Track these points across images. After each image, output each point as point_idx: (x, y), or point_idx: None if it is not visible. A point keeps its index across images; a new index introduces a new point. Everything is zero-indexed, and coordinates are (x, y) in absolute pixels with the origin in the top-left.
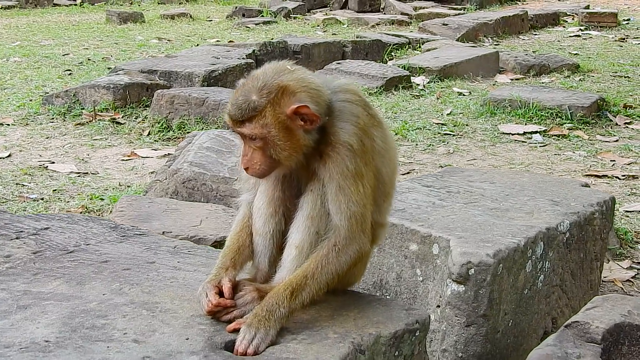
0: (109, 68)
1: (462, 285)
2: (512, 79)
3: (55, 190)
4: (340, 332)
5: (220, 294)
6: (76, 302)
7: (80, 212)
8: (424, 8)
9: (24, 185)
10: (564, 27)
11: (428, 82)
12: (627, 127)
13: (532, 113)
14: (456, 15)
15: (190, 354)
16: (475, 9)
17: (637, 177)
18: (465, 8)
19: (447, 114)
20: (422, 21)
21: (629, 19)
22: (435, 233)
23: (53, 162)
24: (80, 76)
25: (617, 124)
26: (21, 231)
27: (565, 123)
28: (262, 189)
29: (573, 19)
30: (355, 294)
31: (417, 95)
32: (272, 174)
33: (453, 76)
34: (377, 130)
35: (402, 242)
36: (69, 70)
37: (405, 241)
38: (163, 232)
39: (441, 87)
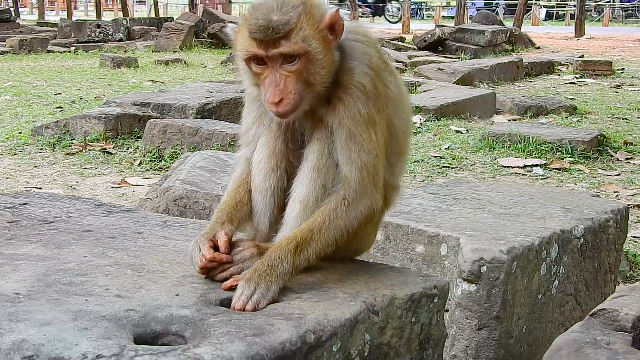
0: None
1: (474, 284)
2: (509, 120)
3: None
4: (351, 293)
5: (216, 249)
6: (53, 262)
7: None
8: (418, 57)
9: None
10: (559, 75)
11: (425, 121)
12: (628, 162)
13: (532, 147)
14: (451, 62)
15: (181, 307)
16: (470, 59)
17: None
18: (459, 57)
19: (446, 148)
20: (417, 67)
21: (623, 69)
22: (443, 232)
23: (40, 188)
24: (71, 113)
25: (618, 159)
26: None
27: (565, 157)
28: (263, 141)
29: (567, 67)
30: (365, 262)
31: (414, 132)
32: (274, 124)
33: (450, 115)
34: (391, 76)
35: (407, 244)
36: (61, 107)
37: (411, 243)
38: None
39: (438, 125)
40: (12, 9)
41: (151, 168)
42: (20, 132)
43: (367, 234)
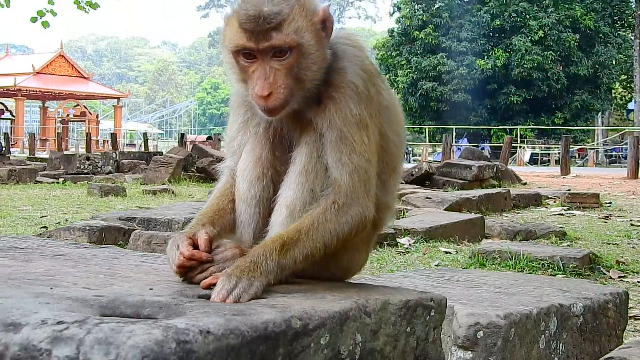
0: None
1: (470, 352)
2: (499, 244)
3: None
4: (341, 296)
5: (195, 248)
6: (20, 269)
7: None
8: (406, 189)
9: None
10: (547, 207)
11: (414, 242)
12: (622, 280)
13: (523, 264)
14: (439, 192)
15: (154, 296)
16: (457, 190)
17: (638, 318)
18: (446, 191)
19: (435, 265)
20: (404, 196)
21: (610, 202)
22: None
23: None
24: None
25: (611, 277)
26: None
27: (557, 274)
28: (248, 149)
29: (555, 200)
30: (356, 282)
31: (402, 252)
32: (260, 130)
33: (439, 238)
34: (383, 83)
35: None
36: (45, 227)
37: None
38: None
39: (427, 246)
40: (3, 143)
41: None
42: None
43: (357, 251)
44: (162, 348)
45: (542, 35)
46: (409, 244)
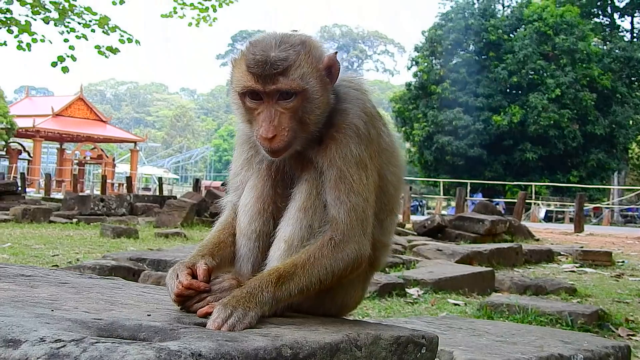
0: None
1: None
2: (508, 297)
3: None
4: (333, 329)
5: (194, 278)
6: (23, 293)
7: None
8: (417, 241)
9: None
10: (559, 264)
11: (423, 293)
12: (630, 338)
13: (531, 318)
14: (450, 244)
15: (151, 321)
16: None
17: None
18: (458, 244)
19: (443, 316)
20: (415, 247)
21: (623, 261)
22: None
23: None
24: None
25: (619, 335)
26: None
27: (565, 329)
28: (251, 185)
29: (567, 257)
30: (350, 319)
31: (411, 302)
32: (263, 167)
33: (448, 290)
34: (384, 127)
35: None
36: (57, 265)
37: None
38: None
39: (436, 297)
40: (19, 182)
41: None
42: None
43: (353, 288)
44: None
45: (559, 93)
46: (418, 295)
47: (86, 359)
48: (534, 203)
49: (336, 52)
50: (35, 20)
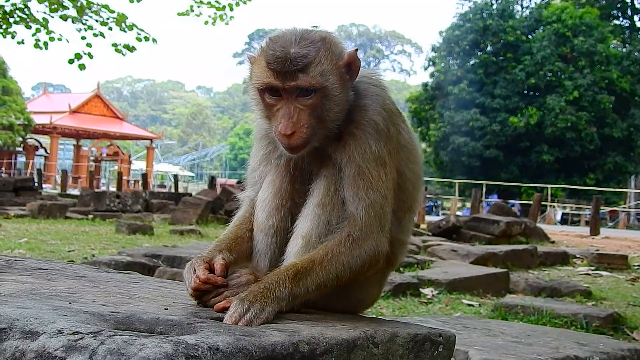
0: None
1: None
2: (522, 299)
3: None
4: (350, 325)
5: (212, 272)
6: (41, 285)
7: None
8: (432, 241)
9: None
10: (574, 266)
11: (437, 293)
12: None
13: (546, 320)
14: (465, 245)
15: (168, 315)
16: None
17: None
18: (473, 245)
19: (457, 316)
20: (430, 247)
21: (639, 265)
22: None
23: None
24: None
25: (634, 339)
26: None
27: (579, 331)
28: (269, 180)
29: (582, 260)
30: (367, 316)
31: (425, 302)
32: (282, 162)
33: (462, 290)
34: (403, 124)
35: None
36: (72, 261)
37: None
38: None
39: (450, 297)
40: (36, 178)
41: None
42: None
43: (370, 285)
44: None
45: (577, 95)
46: (432, 295)
47: (104, 352)
48: (550, 205)
49: (357, 49)
50: (52, 17)
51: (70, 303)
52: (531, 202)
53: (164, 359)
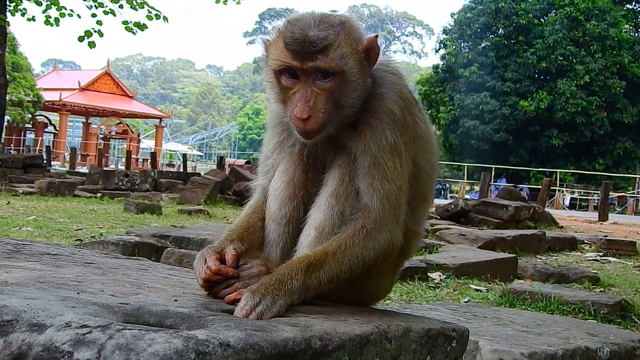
0: None
1: None
2: (530, 285)
3: None
4: (363, 320)
5: (222, 263)
6: (49, 273)
7: None
8: (440, 225)
9: None
10: (582, 252)
11: (445, 278)
12: None
13: (554, 307)
14: (473, 229)
15: (178, 307)
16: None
17: None
18: (481, 229)
19: (465, 302)
20: (438, 231)
21: None
22: None
23: None
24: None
25: None
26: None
27: (588, 319)
28: (282, 169)
29: (591, 246)
30: (379, 308)
31: (433, 287)
32: (295, 150)
33: (470, 275)
34: (420, 113)
35: None
36: (80, 239)
37: None
38: None
39: (458, 282)
40: (44, 155)
41: None
42: None
43: (383, 277)
44: (181, 358)
45: (588, 80)
46: (440, 279)
47: (112, 347)
48: (559, 190)
49: (377, 36)
50: None
51: (78, 293)
52: (540, 187)
53: (173, 355)
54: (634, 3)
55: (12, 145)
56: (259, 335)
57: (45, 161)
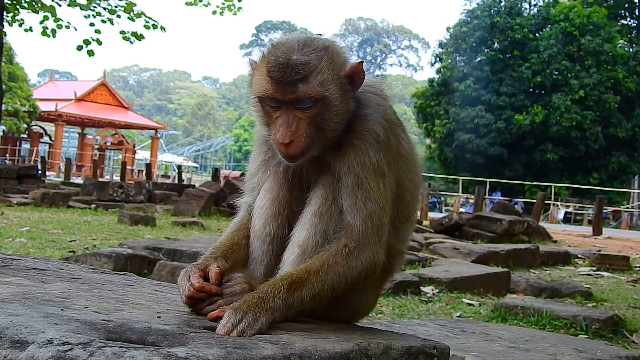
0: None
1: None
2: (523, 300)
3: None
4: (344, 337)
5: (206, 280)
6: (35, 288)
7: None
8: (434, 239)
9: None
10: (575, 266)
11: (437, 292)
12: None
13: (545, 321)
14: (467, 243)
15: (161, 324)
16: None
17: None
18: (475, 243)
19: (457, 316)
20: (432, 245)
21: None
22: None
23: None
24: None
25: (634, 342)
26: None
27: (579, 334)
28: (267, 187)
29: (584, 260)
30: (363, 325)
31: (425, 301)
32: (280, 169)
33: (463, 289)
34: (403, 133)
35: None
36: (73, 251)
37: None
38: None
39: (450, 296)
40: (39, 166)
41: None
42: None
43: (366, 294)
44: None
45: (583, 94)
46: (433, 293)
47: None
48: (553, 204)
49: (361, 62)
50: (59, 6)
51: (62, 310)
52: (534, 201)
53: None
54: (628, 18)
55: (7, 155)
56: (238, 352)
57: (40, 172)
